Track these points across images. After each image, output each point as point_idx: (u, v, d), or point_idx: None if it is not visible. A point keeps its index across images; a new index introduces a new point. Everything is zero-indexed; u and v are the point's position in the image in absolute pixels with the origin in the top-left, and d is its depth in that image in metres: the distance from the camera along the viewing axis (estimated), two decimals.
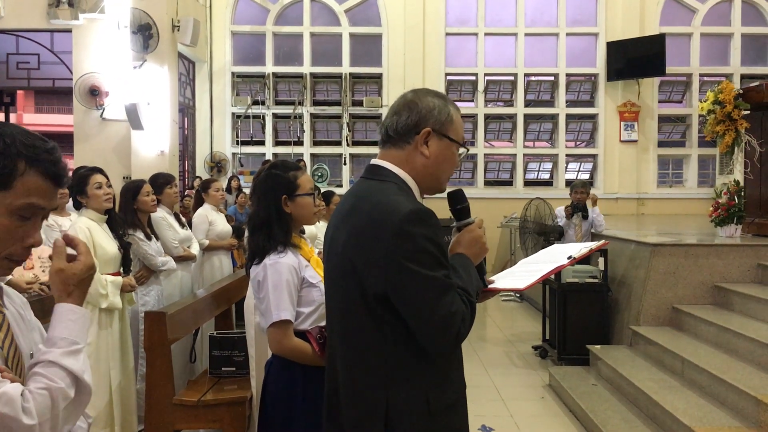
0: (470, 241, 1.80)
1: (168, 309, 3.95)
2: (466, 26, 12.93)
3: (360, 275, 1.66)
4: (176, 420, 3.78)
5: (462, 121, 1.84)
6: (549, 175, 13.34)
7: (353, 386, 1.72)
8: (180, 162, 11.57)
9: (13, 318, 1.37)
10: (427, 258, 1.60)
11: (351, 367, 1.73)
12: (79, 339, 1.34)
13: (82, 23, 9.89)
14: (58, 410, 1.25)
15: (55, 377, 1.27)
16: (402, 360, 1.66)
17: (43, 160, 1.29)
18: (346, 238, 1.72)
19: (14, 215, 1.28)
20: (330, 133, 13.10)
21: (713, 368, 4.47)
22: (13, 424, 1.19)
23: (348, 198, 1.83)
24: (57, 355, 1.30)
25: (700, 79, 12.95)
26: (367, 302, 1.66)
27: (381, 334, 1.66)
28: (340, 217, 1.81)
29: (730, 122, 6.40)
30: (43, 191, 1.30)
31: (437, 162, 1.77)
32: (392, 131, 1.78)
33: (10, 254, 1.31)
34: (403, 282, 1.60)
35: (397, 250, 1.59)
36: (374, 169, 1.80)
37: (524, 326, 8.08)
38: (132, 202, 4.65)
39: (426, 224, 1.62)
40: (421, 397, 1.66)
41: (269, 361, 2.55)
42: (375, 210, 1.66)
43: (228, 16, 12.64)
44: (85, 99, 9.79)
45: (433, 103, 1.76)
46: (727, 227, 6.36)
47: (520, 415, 5.07)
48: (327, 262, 1.86)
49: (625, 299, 6.11)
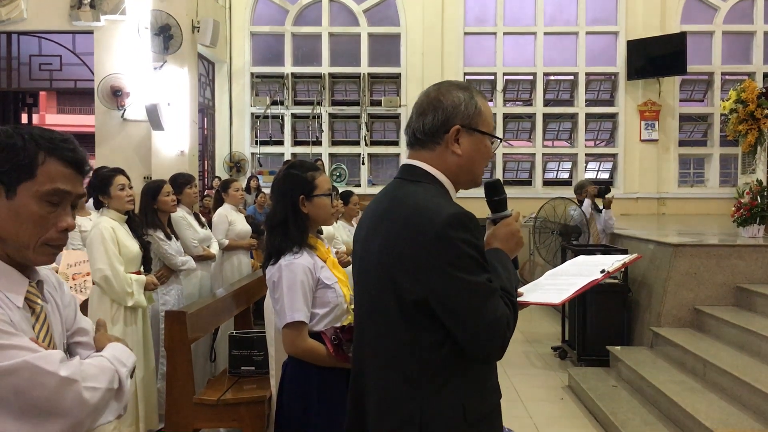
0: (507, 235, 1.75)
1: (188, 308, 3.98)
2: (485, 25, 12.88)
3: (397, 281, 1.60)
4: (196, 419, 3.81)
5: (490, 109, 1.77)
6: (568, 174, 13.25)
7: (386, 394, 1.66)
8: (200, 162, 11.65)
9: (50, 309, 1.45)
10: (470, 263, 1.55)
11: (384, 374, 1.66)
12: (128, 362, 1.48)
13: (103, 25, 10.00)
14: (102, 388, 1.35)
15: (111, 364, 1.42)
16: (439, 367, 1.60)
17: (60, 148, 1.37)
18: (382, 243, 1.66)
19: (43, 201, 1.34)
20: (348, 133, 13.11)
21: (735, 370, 4.42)
22: (47, 378, 1.25)
23: (383, 199, 1.76)
24: (115, 361, 1.44)
25: (722, 77, 12.80)
26: (403, 308, 1.60)
27: (417, 341, 1.60)
28: (374, 218, 1.74)
29: (753, 121, 6.34)
30: (65, 177, 1.37)
31: (471, 158, 1.71)
32: (420, 134, 1.71)
33: (48, 240, 1.37)
34: (446, 289, 1.54)
35: (440, 256, 1.54)
36: (409, 169, 1.73)
37: (543, 327, 8.04)
38: (152, 202, 4.70)
39: (467, 229, 1.56)
40: (458, 406, 1.60)
41: (285, 362, 2.55)
42: (414, 214, 1.60)
43: (247, 17, 12.70)
44: (106, 100, 9.89)
45: (458, 97, 1.69)
46: (749, 227, 6.29)
47: (539, 417, 5.05)
48: (359, 265, 1.80)
49: (646, 300, 6.06)
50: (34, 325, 1.37)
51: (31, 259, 1.37)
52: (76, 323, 1.56)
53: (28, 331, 1.34)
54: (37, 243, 1.35)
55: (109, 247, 3.92)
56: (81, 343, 1.54)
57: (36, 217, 1.34)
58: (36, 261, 1.39)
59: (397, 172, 1.78)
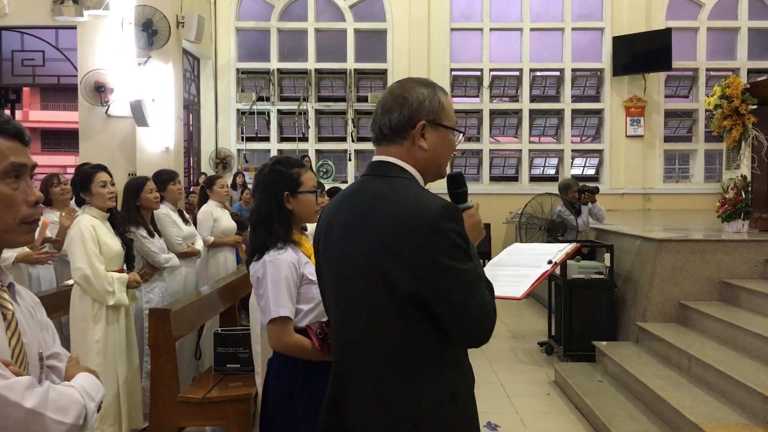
0: (471, 226, 1.78)
1: (172, 306, 3.96)
2: (471, 21, 12.90)
3: (390, 277, 1.61)
4: (181, 417, 3.78)
5: (451, 102, 1.81)
6: (555, 170, 13.30)
7: (379, 389, 1.67)
8: (185, 158, 11.59)
9: (22, 316, 1.43)
10: (459, 252, 1.59)
11: (377, 371, 1.67)
12: (96, 396, 1.49)
13: (86, 20, 9.92)
14: (68, 423, 1.34)
15: (81, 397, 1.41)
16: (430, 357, 1.64)
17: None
18: (373, 240, 1.65)
19: (4, 180, 1.37)
20: (335, 129, 13.09)
21: (720, 365, 4.44)
22: (11, 409, 1.23)
23: (360, 196, 1.75)
24: (85, 395, 1.43)
25: (707, 73, 12.89)
26: (395, 303, 1.62)
27: (410, 334, 1.63)
28: (352, 219, 1.73)
29: (738, 117, 6.35)
30: (14, 150, 1.39)
31: (436, 152, 1.75)
32: (387, 129, 1.75)
33: (24, 217, 1.40)
34: (440, 278, 1.58)
35: (436, 247, 1.57)
36: (383, 165, 1.76)
37: (529, 322, 8.05)
38: (135, 199, 4.64)
39: (456, 219, 1.61)
40: (448, 391, 1.66)
41: (270, 359, 2.54)
42: (406, 209, 1.62)
43: (233, 12, 12.64)
44: (90, 95, 9.81)
45: (422, 94, 1.74)
46: (734, 223, 6.32)
47: (525, 412, 5.06)
48: (337, 264, 1.77)
49: (632, 295, 6.08)
50: (6, 330, 1.35)
51: (14, 241, 1.42)
52: (54, 347, 1.55)
53: (1, 337, 1.33)
54: (15, 223, 1.38)
55: (88, 245, 3.86)
56: (54, 368, 1.52)
57: (4, 197, 1.36)
58: (19, 241, 1.43)
59: (366, 169, 1.82)
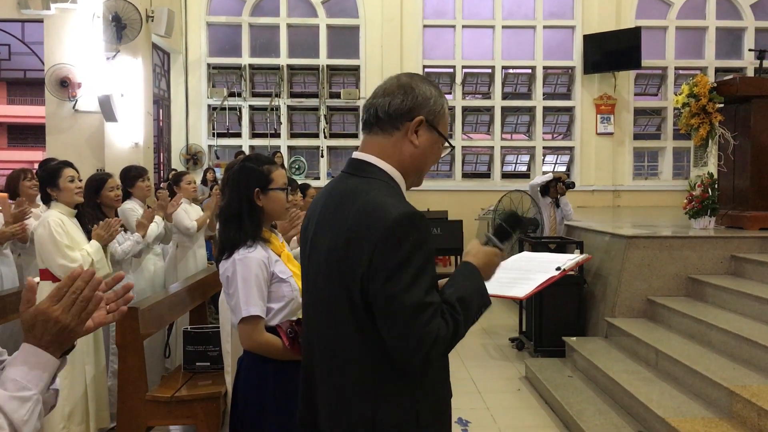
0: (487, 262, 1.70)
1: (141, 304, 3.89)
2: (444, 18, 12.90)
3: (347, 283, 1.54)
4: (149, 416, 3.74)
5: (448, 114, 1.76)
6: (526, 167, 13.38)
7: (337, 399, 1.61)
8: (155, 154, 11.45)
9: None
10: (410, 270, 1.48)
11: (334, 380, 1.62)
12: (31, 385, 1.26)
13: (53, 13, 9.72)
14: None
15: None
16: (390, 373, 1.55)
17: None
18: (331, 241, 1.60)
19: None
20: (307, 126, 13.02)
21: (687, 359, 4.51)
22: None
23: (332, 196, 1.69)
24: (1, 397, 1.23)
25: (676, 72, 13.05)
26: (354, 311, 1.55)
27: (367, 346, 1.55)
28: (323, 216, 1.68)
29: (705, 115, 6.44)
30: None
31: (424, 153, 1.67)
32: (382, 112, 1.65)
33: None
34: (381, 292, 1.49)
35: (382, 257, 1.48)
36: (358, 164, 1.68)
37: (501, 318, 8.11)
38: (95, 196, 4.49)
39: (417, 229, 1.51)
40: (411, 410, 1.57)
41: (240, 358, 2.52)
42: (362, 213, 1.54)
43: (203, 7, 12.49)
44: (56, 90, 9.64)
45: (429, 91, 1.68)
46: (701, 219, 6.42)
47: (496, 408, 5.09)
48: (308, 264, 1.73)
49: (601, 291, 6.15)
50: None
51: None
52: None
53: None
54: None
55: (60, 240, 3.80)
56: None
57: None
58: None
59: (345, 166, 1.73)
